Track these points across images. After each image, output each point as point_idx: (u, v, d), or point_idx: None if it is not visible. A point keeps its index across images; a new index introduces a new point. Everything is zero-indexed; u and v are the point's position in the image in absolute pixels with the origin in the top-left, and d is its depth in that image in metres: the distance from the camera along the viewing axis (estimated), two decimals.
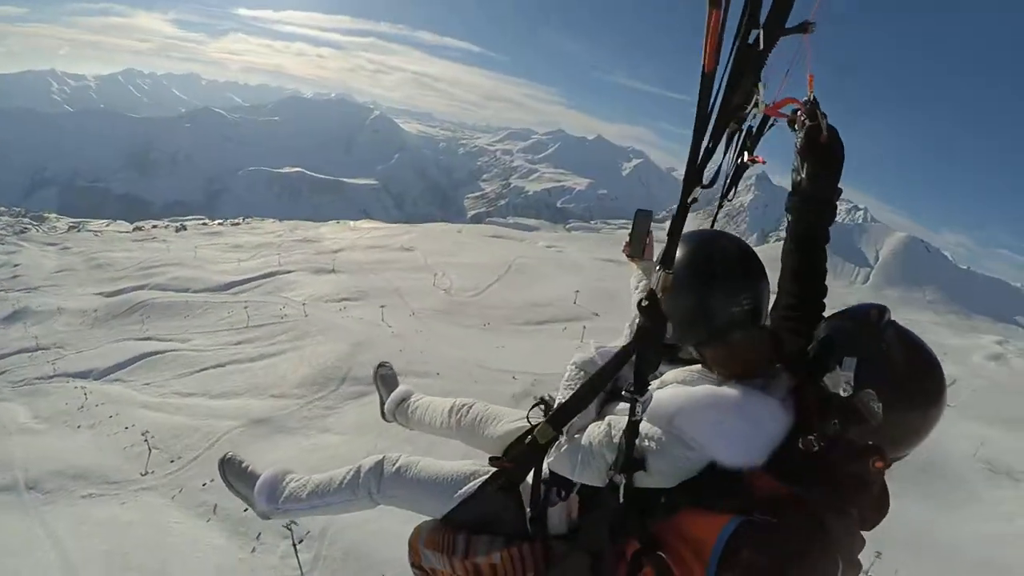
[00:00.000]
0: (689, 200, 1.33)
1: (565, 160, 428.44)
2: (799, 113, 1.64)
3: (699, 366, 1.76)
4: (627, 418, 1.61)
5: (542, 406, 2.06)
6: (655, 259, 2.22)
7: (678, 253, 1.51)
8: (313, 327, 10.95)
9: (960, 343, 20.30)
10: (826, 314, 1.75)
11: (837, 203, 1.74)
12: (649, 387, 1.60)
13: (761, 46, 1.24)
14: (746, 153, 1.87)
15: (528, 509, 2.00)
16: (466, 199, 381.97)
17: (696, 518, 1.51)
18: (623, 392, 1.72)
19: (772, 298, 1.76)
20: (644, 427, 1.61)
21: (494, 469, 1.98)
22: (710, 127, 1.25)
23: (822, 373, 1.50)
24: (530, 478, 1.97)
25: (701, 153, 1.28)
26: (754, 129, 1.83)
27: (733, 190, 1.99)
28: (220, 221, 47.11)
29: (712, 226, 2.10)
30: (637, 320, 1.53)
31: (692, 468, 1.58)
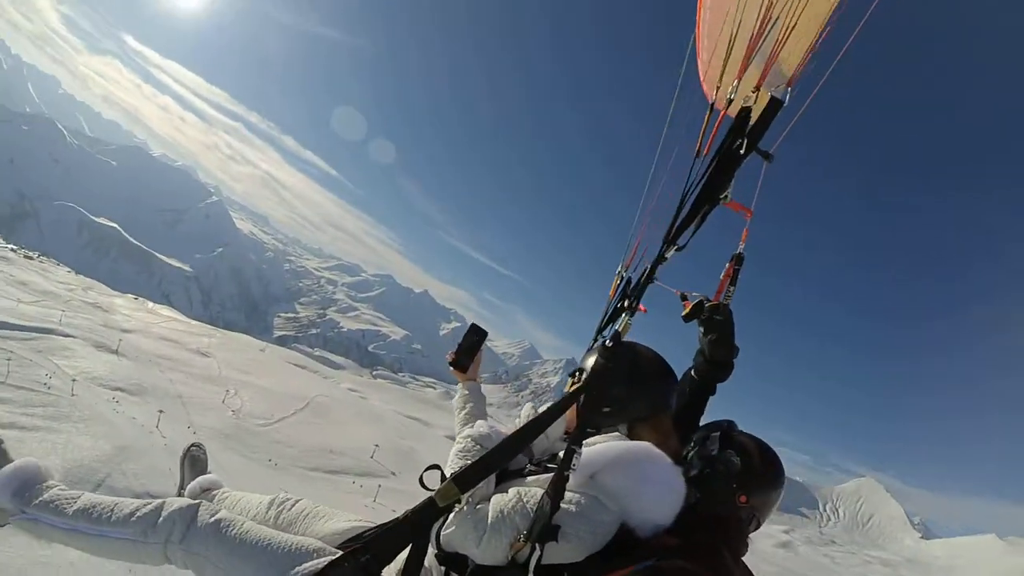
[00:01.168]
0: (668, 255, 1.72)
1: (387, 306, 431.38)
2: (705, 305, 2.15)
3: (617, 433, 1.83)
4: (538, 488, 1.60)
5: (437, 470, 1.77)
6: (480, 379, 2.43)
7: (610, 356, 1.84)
8: (77, 411, 9.35)
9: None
10: None
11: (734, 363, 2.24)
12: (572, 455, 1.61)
13: (742, 151, 1.57)
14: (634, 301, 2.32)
15: None
16: (277, 317, 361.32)
17: None
18: (526, 467, 1.81)
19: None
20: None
21: (349, 548, 1.69)
22: (689, 201, 1.63)
23: (695, 449, 2.01)
24: (401, 561, 1.66)
25: (680, 221, 1.66)
26: (638, 282, 2.28)
27: (610, 326, 2.38)
28: (14, 248, 39.94)
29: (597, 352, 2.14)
30: (594, 362, 1.72)
31: (608, 532, 1.59)
